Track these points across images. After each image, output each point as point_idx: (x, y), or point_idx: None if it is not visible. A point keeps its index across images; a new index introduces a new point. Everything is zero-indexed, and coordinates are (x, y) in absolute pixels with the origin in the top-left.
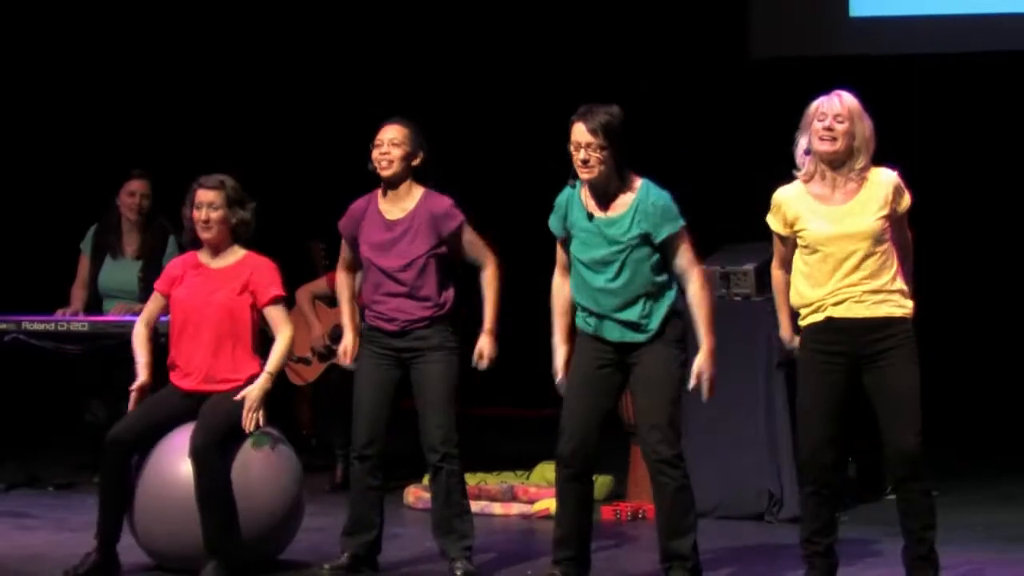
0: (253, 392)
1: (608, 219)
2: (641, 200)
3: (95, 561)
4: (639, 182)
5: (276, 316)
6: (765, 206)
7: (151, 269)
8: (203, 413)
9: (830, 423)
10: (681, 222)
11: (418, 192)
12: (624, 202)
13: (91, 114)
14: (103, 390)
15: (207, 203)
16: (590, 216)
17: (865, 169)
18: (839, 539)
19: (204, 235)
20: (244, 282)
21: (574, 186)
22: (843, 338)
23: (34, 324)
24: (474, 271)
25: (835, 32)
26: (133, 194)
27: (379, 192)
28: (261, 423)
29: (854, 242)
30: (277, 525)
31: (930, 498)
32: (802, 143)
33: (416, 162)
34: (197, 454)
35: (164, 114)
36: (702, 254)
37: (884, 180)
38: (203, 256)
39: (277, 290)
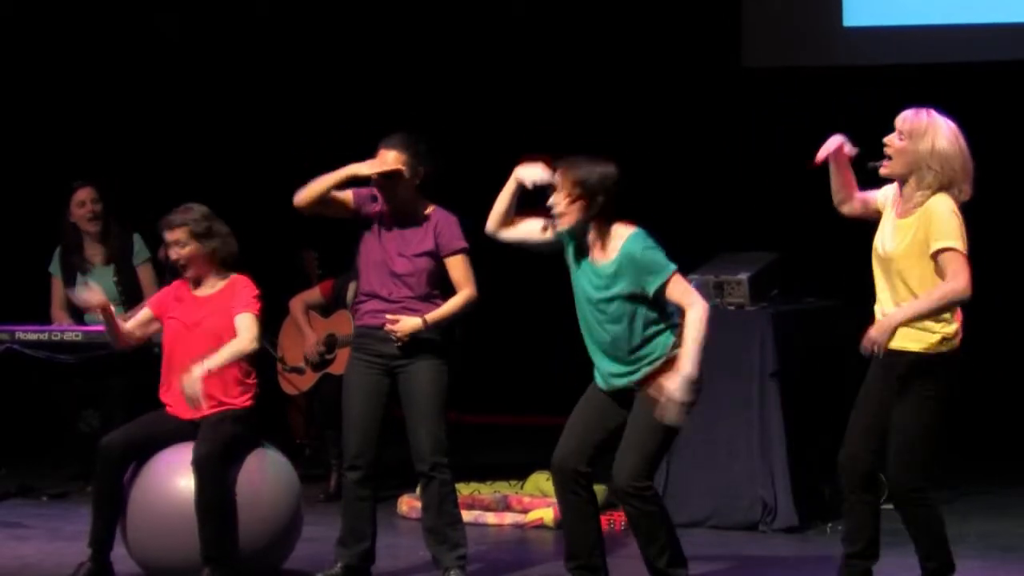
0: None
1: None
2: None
3: (89, 570)
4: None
5: (240, 324)
6: (757, 214)
7: (125, 272)
8: (205, 427)
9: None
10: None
11: (427, 208)
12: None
13: (87, 120)
14: (97, 400)
15: (174, 242)
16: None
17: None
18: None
19: (185, 274)
20: (228, 307)
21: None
22: None
23: (28, 334)
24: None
25: (828, 41)
26: (83, 204)
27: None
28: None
29: None
30: (276, 540)
31: (932, 516)
32: None
33: (418, 180)
34: (200, 464)
35: (164, 124)
36: (695, 263)
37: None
38: (191, 284)
39: (247, 307)
